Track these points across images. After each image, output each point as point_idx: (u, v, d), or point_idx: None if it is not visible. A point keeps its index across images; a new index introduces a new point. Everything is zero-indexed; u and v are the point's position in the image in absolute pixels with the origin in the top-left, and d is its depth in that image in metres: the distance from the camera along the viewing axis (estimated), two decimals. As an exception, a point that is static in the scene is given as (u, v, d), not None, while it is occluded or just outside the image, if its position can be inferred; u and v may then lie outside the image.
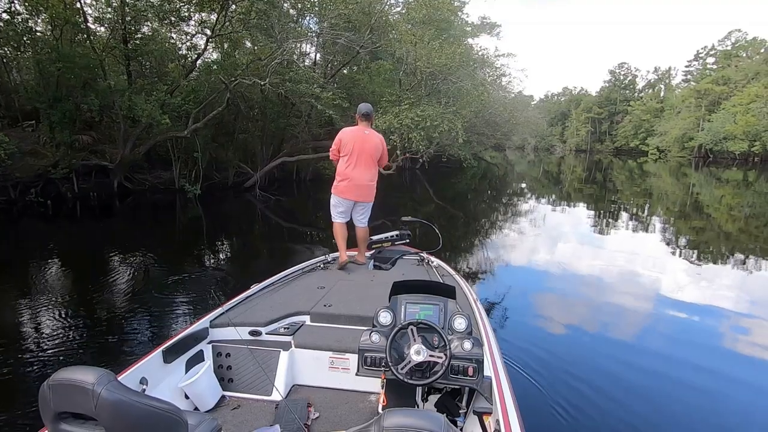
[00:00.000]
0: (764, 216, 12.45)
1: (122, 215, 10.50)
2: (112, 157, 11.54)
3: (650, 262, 6.83)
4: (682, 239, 9.12)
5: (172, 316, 4.23)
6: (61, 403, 1.08)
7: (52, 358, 3.42)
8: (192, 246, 7.68)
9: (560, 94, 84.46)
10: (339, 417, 2.13)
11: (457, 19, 19.64)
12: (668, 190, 20.10)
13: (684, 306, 4.95)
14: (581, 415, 2.75)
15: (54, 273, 5.87)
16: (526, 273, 6.37)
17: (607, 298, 5.20)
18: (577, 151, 71.48)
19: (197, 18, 12.15)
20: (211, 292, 2.63)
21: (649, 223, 10.95)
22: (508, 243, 8.33)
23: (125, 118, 11.21)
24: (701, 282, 5.98)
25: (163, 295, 4.75)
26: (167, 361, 2.10)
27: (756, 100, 40.03)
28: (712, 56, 54.57)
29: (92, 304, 4.64)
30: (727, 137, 41.06)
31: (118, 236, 8.32)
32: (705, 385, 3.28)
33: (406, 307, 2.02)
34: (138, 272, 5.82)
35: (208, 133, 12.86)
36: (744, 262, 7.08)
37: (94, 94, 10.65)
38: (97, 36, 11.96)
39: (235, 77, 11.14)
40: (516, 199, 15.70)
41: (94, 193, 11.33)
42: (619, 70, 70.12)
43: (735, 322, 4.58)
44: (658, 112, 57.70)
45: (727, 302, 5.10)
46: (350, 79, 15.39)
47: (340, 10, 12.12)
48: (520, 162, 45.09)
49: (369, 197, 3.80)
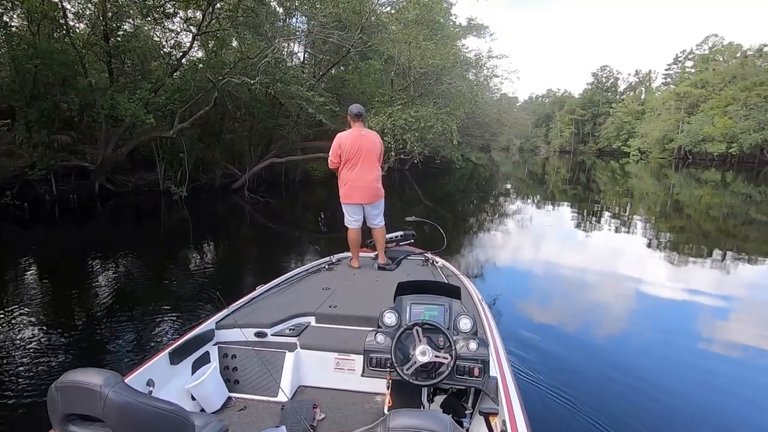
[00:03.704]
0: (741, 215, 12.89)
1: (104, 218, 10.15)
2: (93, 157, 11.15)
3: (652, 265, 6.84)
4: (685, 241, 9.28)
5: (171, 319, 4.12)
6: (69, 405, 1.10)
7: (60, 360, 3.43)
8: (180, 249, 7.44)
9: (544, 96, 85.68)
10: (345, 418, 2.13)
11: (447, 20, 19.69)
12: (652, 190, 20.54)
13: (698, 308, 4.99)
14: (589, 415, 2.72)
15: (35, 277, 5.61)
16: (530, 273, 6.37)
17: (612, 299, 5.21)
18: (561, 152, 72.65)
19: (182, 15, 11.87)
20: (216, 294, 2.57)
21: (651, 227, 11.11)
22: (509, 243, 8.35)
23: (107, 118, 10.84)
24: (698, 281, 6.04)
25: (162, 298, 4.69)
26: (174, 363, 2.10)
27: (733, 102, 41.33)
28: (690, 60, 56.09)
29: (84, 308, 4.55)
30: (706, 139, 42.28)
31: (101, 240, 8.01)
32: (717, 386, 3.28)
33: (411, 307, 2.02)
34: (128, 275, 5.67)
35: (195, 133, 12.56)
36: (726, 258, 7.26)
37: (74, 92, 10.26)
38: (77, 32, 11.55)
39: (223, 76, 10.89)
40: (505, 200, 15.79)
41: (74, 195, 10.91)
42: (601, 73, 71.51)
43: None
44: (639, 114, 59.06)
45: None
46: (340, 79, 15.24)
47: (330, 9, 11.98)
48: (506, 163, 45.60)
49: (377, 197, 3.73)
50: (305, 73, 14.53)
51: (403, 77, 15.03)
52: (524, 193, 19.25)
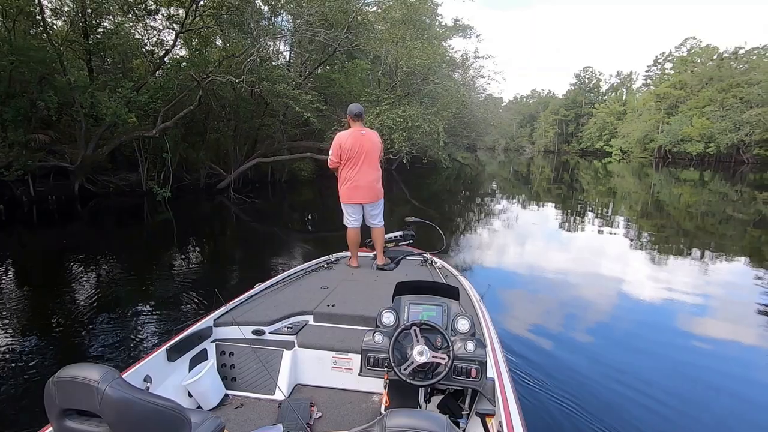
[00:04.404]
0: (719, 213, 13.27)
1: (85, 219, 9.88)
2: (73, 157, 10.84)
3: (647, 267, 6.88)
4: (681, 240, 9.49)
5: (152, 321, 4.02)
6: (66, 400, 1.10)
7: (57, 355, 3.44)
8: (164, 250, 7.28)
9: (529, 96, 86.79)
10: (341, 417, 2.13)
11: (433, 20, 19.76)
12: (635, 189, 20.98)
13: (695, 308, 5.03)
14: (585, 417, 2.74)
15: (13, 280, 5.43)
16: (529, 275, 6.39)
17: (608, 301, 5.22)
18: (545, 152, 73.66)
19: (165, 12, 11.64)
20: (214, 292, 2.55)
21: (637, 227, 11.33)
22: (502, 244, 8.39)
23: (87, 116, 10.55)
24: (695, 280, 6.15)
25: (146, 300, 4.67)
26: (171, 360, 2.10)
27: (710, 104, 42.48)
28: (669, 62, 57.41)
29: (69, 309, 4.51)
30: (685, 139, 43.37)
31: (82, 241, 7.77)
32: (712, 383, 3.34)
33: (409, 307, 2.02)
34: (111, 276, 5.53)
35: (178, 132, 12.33)
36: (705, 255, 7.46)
37: (52, 91, 9.95)
38: (55, 29, 11.23)
39: (208, 74, 10.71)
40: (492, 200, 15.90)
41: (53, 196, 10.61)
42: (584, 74, 72.77)
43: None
44: (621, 115, 60.27)
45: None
46: (326, 78, 15.16)
47: (316, 8, 11.91)
48: (491, 162, 45.98)
49: (377, 197, 3.72)
50: (291, 72, 14.42)
51: (390, 77, 15.03)
52: (511, 192, 19.44)
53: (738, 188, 20.96)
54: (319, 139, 14.79)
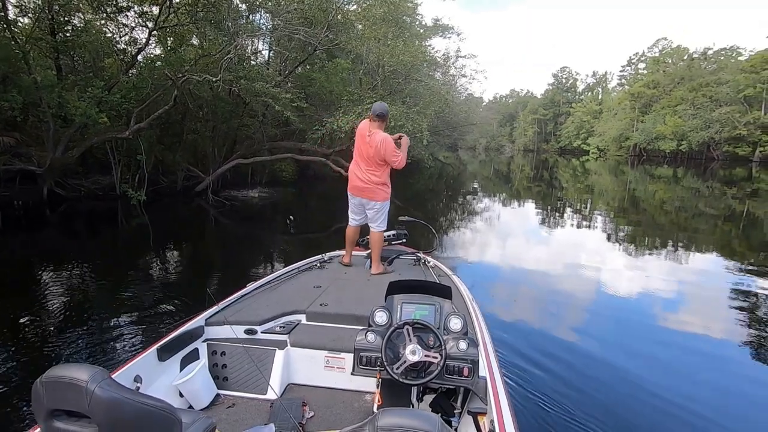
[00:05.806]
0: (691, 208, 13.76)
1: (55, 225, 9.44)
2: (40, 160, 10.36)
3: (640, 266, 6.92)
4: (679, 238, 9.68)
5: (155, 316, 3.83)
6: (54, 401, 1.08)
7: (45, 355, 3.38)
8: (139, 255, 7.01)
9: (508, 96, 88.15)
10: (334, 416, 2.13)
11: (413, 20, 19.77)
12: (612, 186, 21.48)
13: (691, 307, 5.09)
14: (575, 415, 2.74)
15: None
16: (521, 273, 6.41)
17: (601, 300, 5.22)
18: (525, 151, 74.92)
19: (137, 9, 11.24)
20: (206, 291, 2.46)
21: (616, 224, 11.54)
22: (490, 243, 8.42)
23: (55, 117, 10.09)
24: (689, 277, 6.25)
25: (136, 299, 4.62)
26: (162, 359, 2.08)
27: (682, 102, 43.98)
28: (642, 62, 59.18)
29: (71, 304, 4.46)
30: (658, 137, 44.77)
31: (52, 247, 7.40)
32: (707, 381, 3.38)
33: (402, 306, 2.03)
34: (83, 282, 5.27)
35: (154, 133, 11.94)
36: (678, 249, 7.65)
37: (17, 90, 9.48)
38: (20, 26, 10.71)
39: (183, 73, 10.40)
40: (474, 199, 16.02)
41: (19, 201, 10.13)
42: (561, 74, 74.33)
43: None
44: (597, 114, 61.81)
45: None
46: (306, 77, 14.96)
47: (294, 5, 11.72)
48: (473, 162, 46.45)
49: (372, 197, 3.48)
50: (270, 70, 14.17)
51: (372, 76, 14.93)
52: (493, 191, 19.65)
53: (709, 184, 21.70)
54: (300, 139, 14.57)
